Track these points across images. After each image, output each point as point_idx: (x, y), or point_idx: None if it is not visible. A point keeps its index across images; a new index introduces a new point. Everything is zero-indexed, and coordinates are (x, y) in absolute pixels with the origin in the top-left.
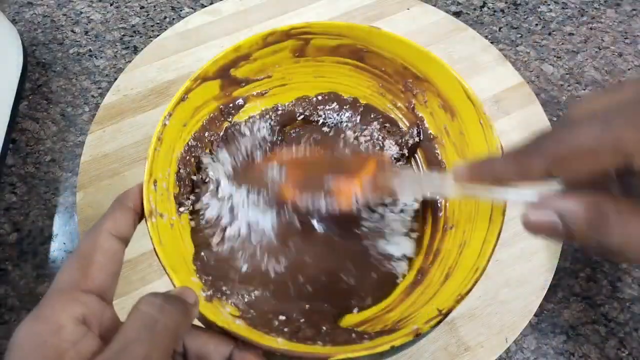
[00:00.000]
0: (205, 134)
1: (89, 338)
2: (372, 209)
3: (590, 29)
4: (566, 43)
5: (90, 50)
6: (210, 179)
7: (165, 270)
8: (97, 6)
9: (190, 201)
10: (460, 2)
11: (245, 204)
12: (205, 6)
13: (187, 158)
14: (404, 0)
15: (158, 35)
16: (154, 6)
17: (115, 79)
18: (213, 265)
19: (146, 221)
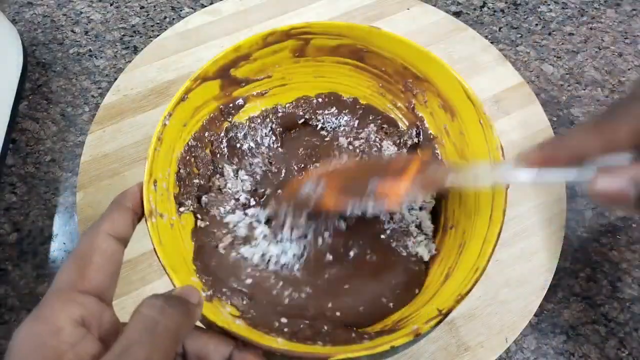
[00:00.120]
0: (205, 134)
1: (87, 340)
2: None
3: (590, 29)
4: (566, 43)
5: (90, 50)
6: (229, 190)
7: (165, 270)
8: (97, 6)
9: (191, 201)
10: (460, 2)
11: (266, 236)
12: (205, 6)
13: (187, 158)
14: (404, 0)
15: (158, 35)
16: (154, 6)
17: (115, 79)
18: (214, 265)
19: (146, 221)
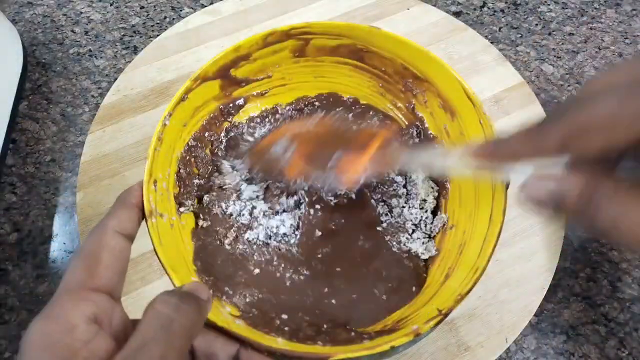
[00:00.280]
0: (205, 134)
1: (100, 337)
2: (390, 207)
3: (590, 29)
4: (566, 43)
5: (90, 50)
6: (229, 186)
7: (165, 270)
8: (97, 6)
9: (191, 201)
10: (460, 2)
11: (265, 212)
12: (205, 6)
13: (187, 158)
14: (404, 0)
15: (158, 35)
16: (154, 6)
17: (115, 79)
18: (219, 264)
19: (146, 221)
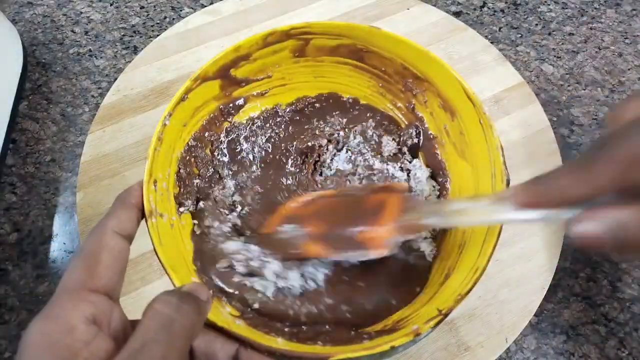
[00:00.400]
0: (205, 134)
1: (100, 338)
2: None
3: (590, 29)
4: (566, 43)
5: (90, 50)
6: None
7: (165, 270)
8: (97, 6)
9: (191, 201)
10: (460, 2)
11: (278, 273)
12: (205, 6)
13: (187, 158)
14: (404, 0)
15: (158, 35)
16: (154, 6)
17: (115, 79)
18: (215, 276)
19: (146, 221)
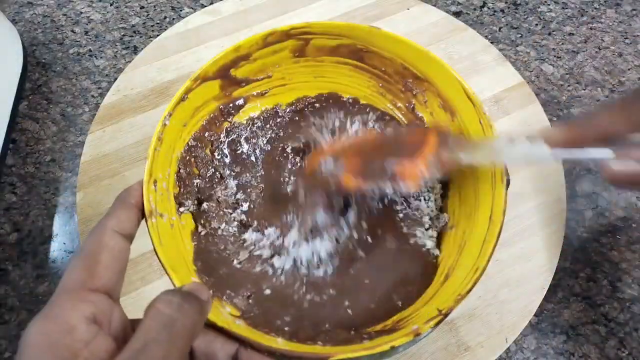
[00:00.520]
0: (205, 134)
1: (101, 337)
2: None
3: (590, 29)
4: (566, 43)
5: (90, 50)
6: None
7: (165, 270)
8: (97, 6)
9: (191, 201)
10: (460, 2)
11: (296, 241)
12: (205, 6)
13: (187, 158)
14: (404, 0)
15: (158, 35)
16: (154, 6)
17: (115, 79)
18: (222, 274)
19: (146, 221)
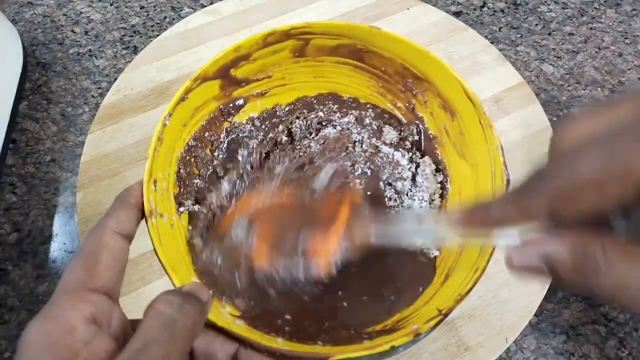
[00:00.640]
0: (205, 134)
1: (100, 338)
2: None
3: (590, 29)
4: (566, 43)
5: (90, 50)
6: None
7: (165, 270)
8: (97, 6)
9: (190, 201)
10: (460, 2)
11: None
12: (205, 6)
13: (187, 158)
14: (404, 0)
15: (158, 35)
16: (154, 6)
17: (115, 79)
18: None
19: (146, 221)
